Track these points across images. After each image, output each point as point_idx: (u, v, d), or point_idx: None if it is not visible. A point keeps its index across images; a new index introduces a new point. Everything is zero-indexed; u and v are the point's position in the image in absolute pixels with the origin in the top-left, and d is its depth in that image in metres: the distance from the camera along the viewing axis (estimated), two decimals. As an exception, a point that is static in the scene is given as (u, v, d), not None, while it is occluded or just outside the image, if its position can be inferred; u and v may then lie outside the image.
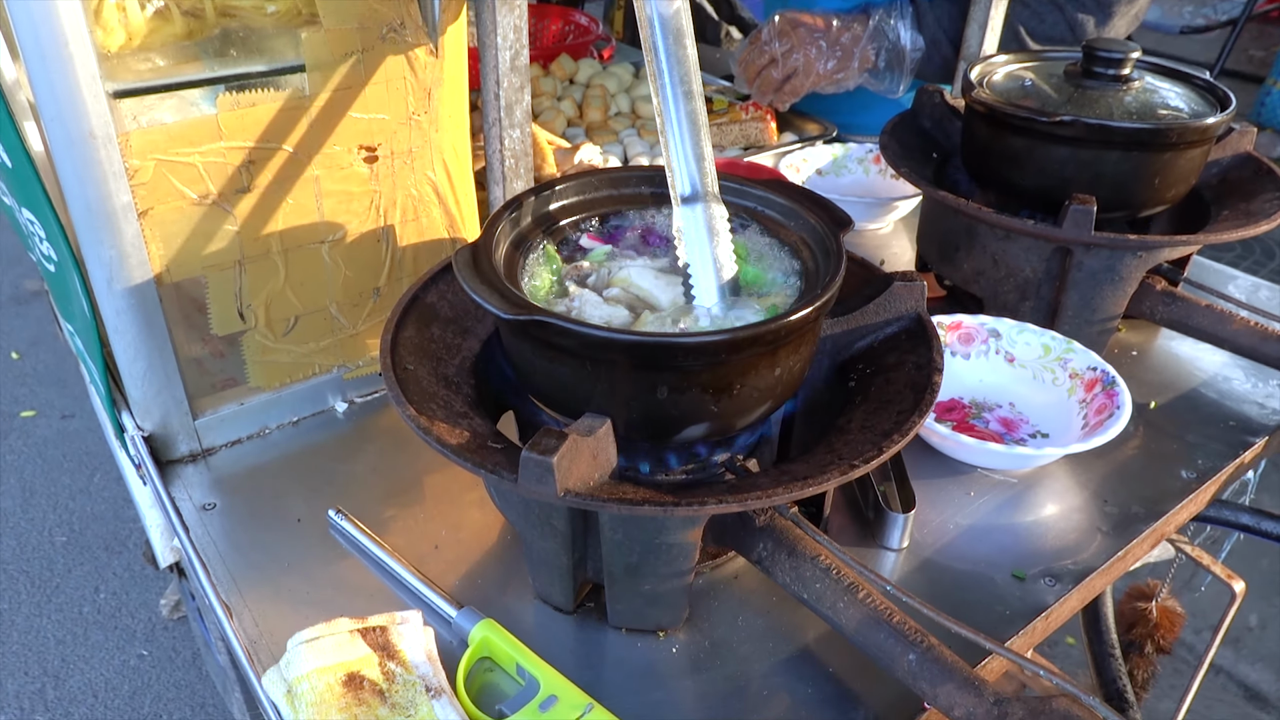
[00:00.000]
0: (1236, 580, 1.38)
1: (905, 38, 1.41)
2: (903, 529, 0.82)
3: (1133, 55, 1.02)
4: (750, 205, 0.82)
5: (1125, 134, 0.96)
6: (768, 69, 1.47)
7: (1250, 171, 1.10)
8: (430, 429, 0.66)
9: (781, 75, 1.46)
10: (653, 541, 0.69)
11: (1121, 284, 1.01)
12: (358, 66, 0.85)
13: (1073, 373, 0.97)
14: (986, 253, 1.05)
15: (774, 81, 1.47)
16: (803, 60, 1.44)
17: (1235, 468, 0.92)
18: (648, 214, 0.83)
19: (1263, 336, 0.98)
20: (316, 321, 0.94)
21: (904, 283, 0.78)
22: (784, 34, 1.44)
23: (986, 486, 0.91)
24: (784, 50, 1.44)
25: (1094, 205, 0.93)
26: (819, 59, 1.43)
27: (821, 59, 1.43)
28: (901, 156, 1.14)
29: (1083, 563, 0.81)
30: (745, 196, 0.82)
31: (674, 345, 0.62)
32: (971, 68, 1.09)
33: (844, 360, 0.80)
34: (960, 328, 1.02)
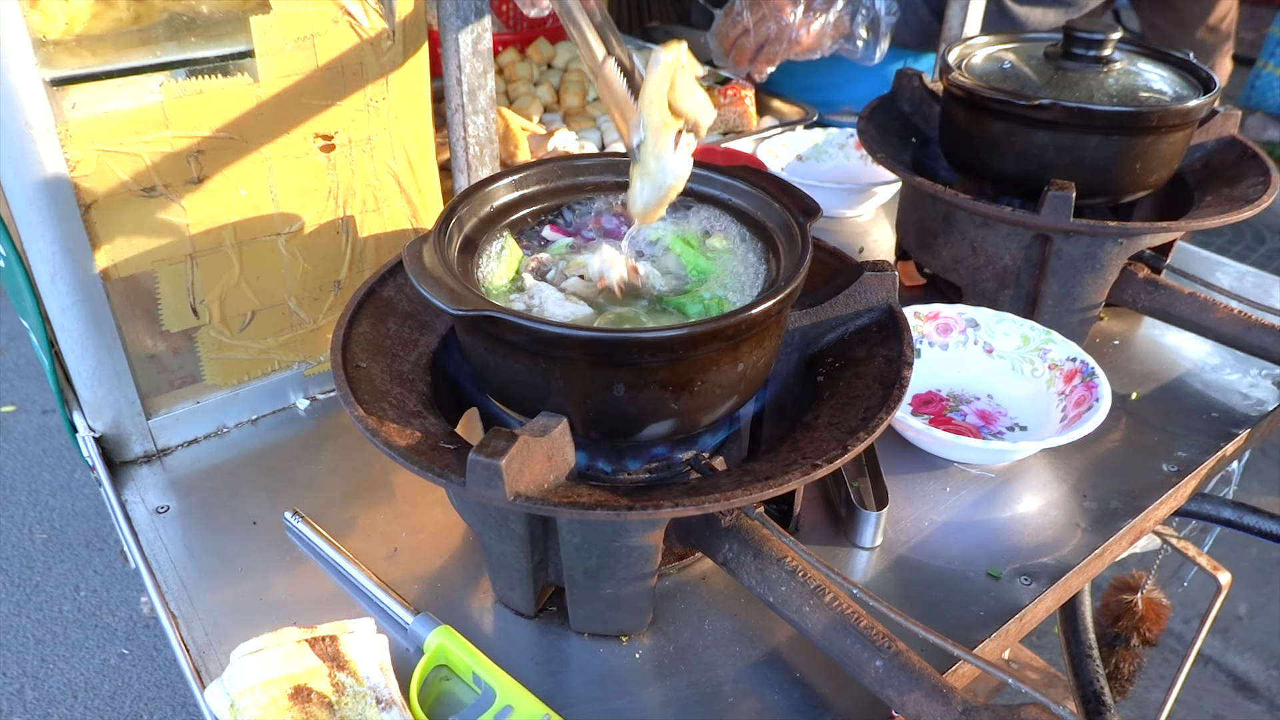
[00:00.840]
0: (1222, 571, 1.36)
1: (880, 3, 1.38)
2: (875, 527, 0.80)
3: (1113, 36, 0.99)
4: (716, 193, 0.79)
5: (1105, 117, 0.93)
6: (741, 38, 1.45)
7: (1235, 155, 1.08)
8: (379, 430, 0.63)
9: (755, 44, 1.44)
10: (612, 545, 0.66)
11: (1102, 272, 0.98)
12: (311, 52, 0.82)
13: (1052, 363, 0.95)
14: (965, 240, 1.03)
15: (748, 51, 1.45)
16: (775, 28, 1.41)
17: (1216, 461, 0.90)
18: (614, 202, 0.80)
19: (1246, 325, 0.96)
20: (275, 316, 0.91)
21: (874, 273, 0.76)
22: (756, 3, 1.42)
23: (964, 481, 0.88)
24: (756, 19, 1.42)
25: (1073, 191, 0.90)
26: (791, 26, 1.41)
27: (794, 26, 1.41)
28: (880, 141, 1.11)
29: (1060, 560, 0.79)
30: (711, 184, 0.79)
31: (628, 340, 0.59)
32: (949, 50, 1.06)
33: (813, 353, 0.78)
34: (938, 318, 1.00)
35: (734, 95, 1.51)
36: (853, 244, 1.30)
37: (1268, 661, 2.20)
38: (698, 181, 0.79)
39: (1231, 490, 1.34)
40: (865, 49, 1.42)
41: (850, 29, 1.43)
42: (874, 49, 1.42)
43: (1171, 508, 0.87)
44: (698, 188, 0.79)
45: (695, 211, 0.78)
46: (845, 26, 1.42)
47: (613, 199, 0.81)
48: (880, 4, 1.40)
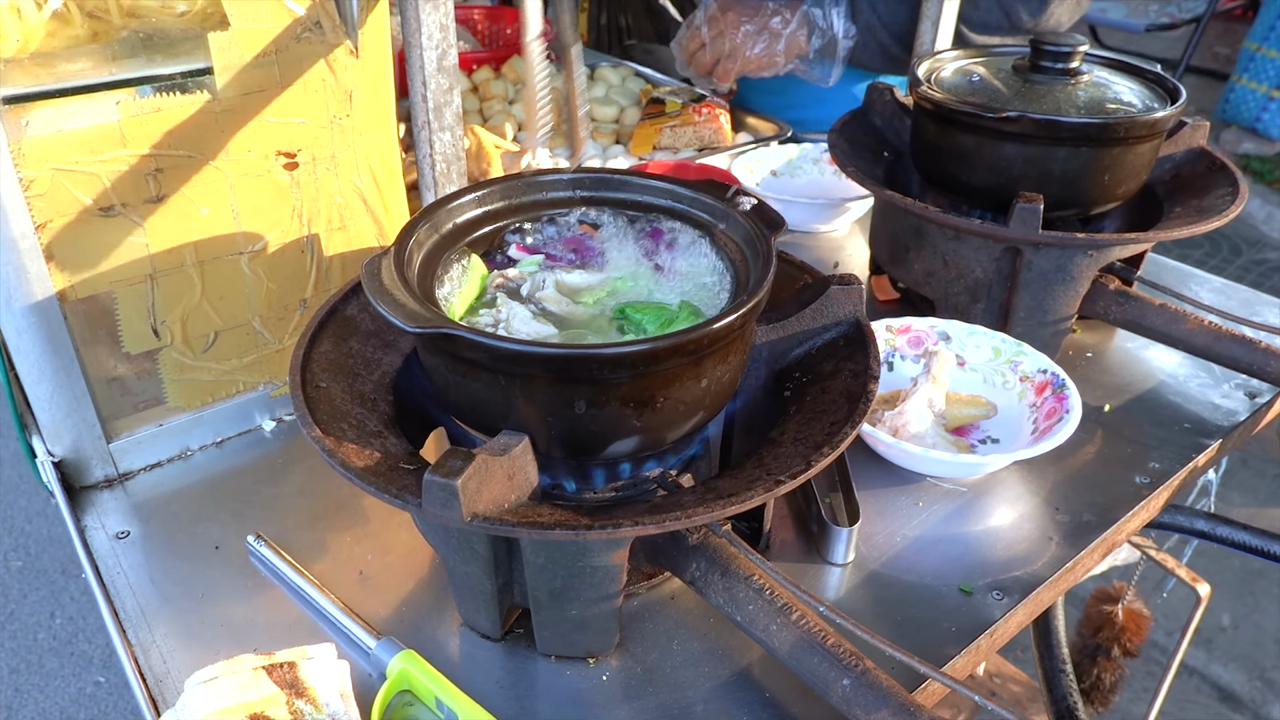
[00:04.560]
0: (1201, 583, 1.36)
1: (838, 25, 1.39)
2: (847, 543, 0.79)
3: (1080, 49, 1.00)
4: (681, 208, 0.78)
5: (1072, 129, 0.93)
6: (699, 52, 1.46)
7: (1204, 167, 1.08)
8: (336, 451, 0.62)
9: (711, 59, 1.44)
10: (576, 565, 0.65)
11: (1073, 284, 0.98)
12: (272, 68, 0.81)
13: (1023, 375, 0.94)
14: (936, 253, 1.02)
15: (706, 65, 1.46)
16: (729, 45, 1.42)
17: (1188, 472, 0.89)
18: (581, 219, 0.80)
19: (1216, 336, 0.96)
20: (239, 337, 0.90)
21: (841, 286, 0.75)
22: (714, 18, 1.42)
23: (936, 496, 0.88)
24: (713, 34, 1.42)
25: (1041, 203, 0.90)
26: (747, 42, 1.41)
27: (749, 43, 1.41)
28: (850, 155, 1.11)
29: (1032, 574, 0.78)
30: (677, 199, 0.79)
31: (587, 357, 0.59)
32: (919, 64, 1.06)
33: (781, 368, 0.77)
34: (909, 331, 0.99)
35: (709, 113, 1.51)
36: (828, 259, 1.29)
37: (1251, 672, 2.20)
38: (663, 196, 0.79)
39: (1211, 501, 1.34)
40: (820, 71, 1.43)
41: (806, 50, 1.44)
42: (829, 71, 1.42)
43: (1144, 520, 0.87)
44: (663, 202, 0.79)
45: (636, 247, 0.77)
46: (802, 47, 1.42)
47: (581, 215, 0.80)
48: (838, 27, 1.40)
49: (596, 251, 0.78)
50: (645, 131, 1.52)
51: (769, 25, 1.44)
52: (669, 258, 0.76)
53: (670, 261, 0.76)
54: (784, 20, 1.43)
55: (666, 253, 0.76)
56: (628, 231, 0.79)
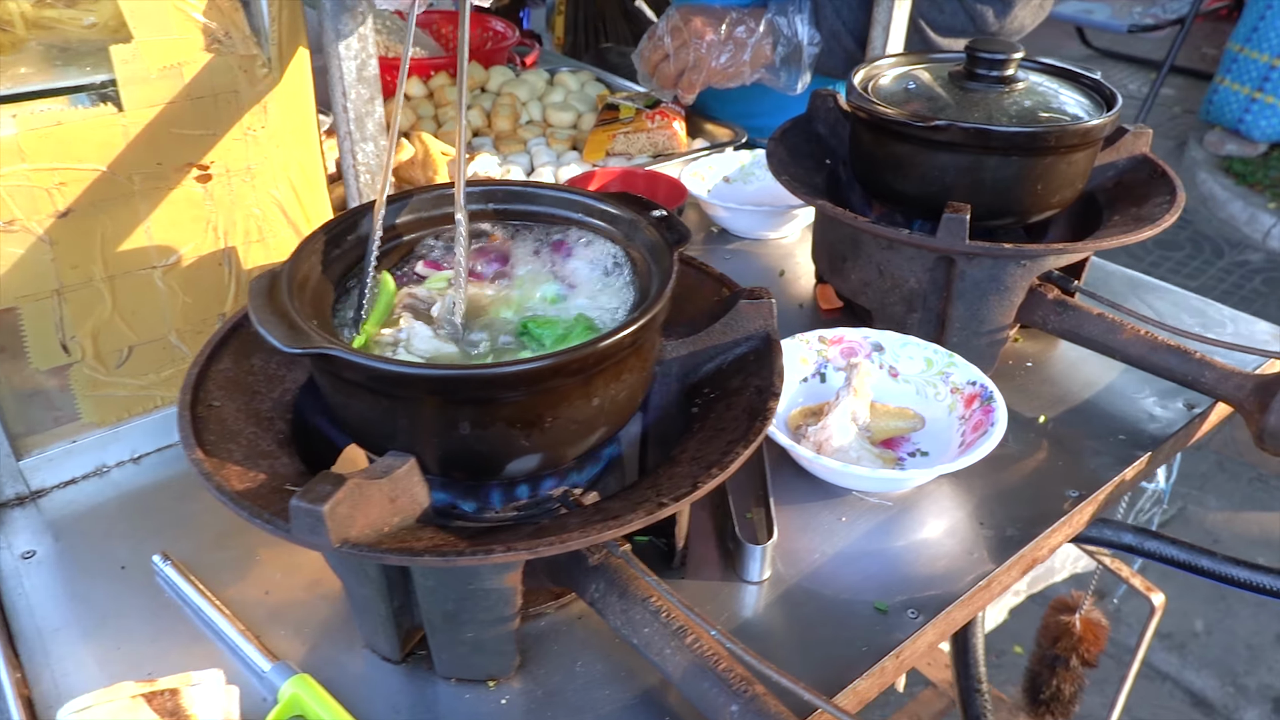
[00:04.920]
0: (1155, 592, 1.35)
1: (802, 32, 1.38)
2: (761, 561, 0.78)
3: (1015, 56, 0.98)
4: (592, 221, 0.77)
5: (1002, 138, 0.92)
6: (662, 63, 1.44)
7: (1145, 174, 1.07)
8: (215, 473, 0.61)
9: (675, 70, 1.42)
10: (466, 588, 0.64)
11: (1007, 294, 0.97)
12: (178, 80, 0.80)
13: (954, 387, 0.93)
14: (872, 263, 1.01)
15: (670, 76, 1.44)
16: (694, 55, 1.40)
17: (1114, 486, 0.88)
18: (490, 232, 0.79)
19: (1151, 346, 0.95)
20: (154, 351, 0.89)
21: (750, 301, 0.74)
22: (677, 29, 1.41)
23: (861, 510, 0.86)
24: (677, 45, 1.41)
25: (968, 213, 0.89)
26: (712, 53, 1.40)
27: (714, 53, 1.40)
28: (789, 163, 1.10)
29: (949, 592, 0.77)
30: (588, 211, 0.77)
31: (462, 378, 0.57)
32: (856, 72, 1.05)
33: (692, 383, 0.76)
34: (841, 342, 0.98)
35: (662, 119, 1.50)
36: (776, 266, 1.28)
37: (1223, 678, 2.19)
38: (574, 209, 0.78)
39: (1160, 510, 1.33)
40: (787, 79, 1.41)
41: (772, 58, 1.42)
42: (796, 79, 1.41)
43: (1067, 535, 0.85)
44: (574, 215, 0.78)
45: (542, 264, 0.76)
46: (767, 56, 1.41)
47: (493, 228, 0.79)
48: (803, 34, 1.39)
49: (507, 266, 0.76)
50: (598, 138, 1.51)
51: (734, 35, 1.42)
52: (576, 271, 0.75)
53: (577, 275, 0.74)
54: (749, 29, 1.42)
55: (573, 266, 0.75)
56: (538, 245, 0.77)
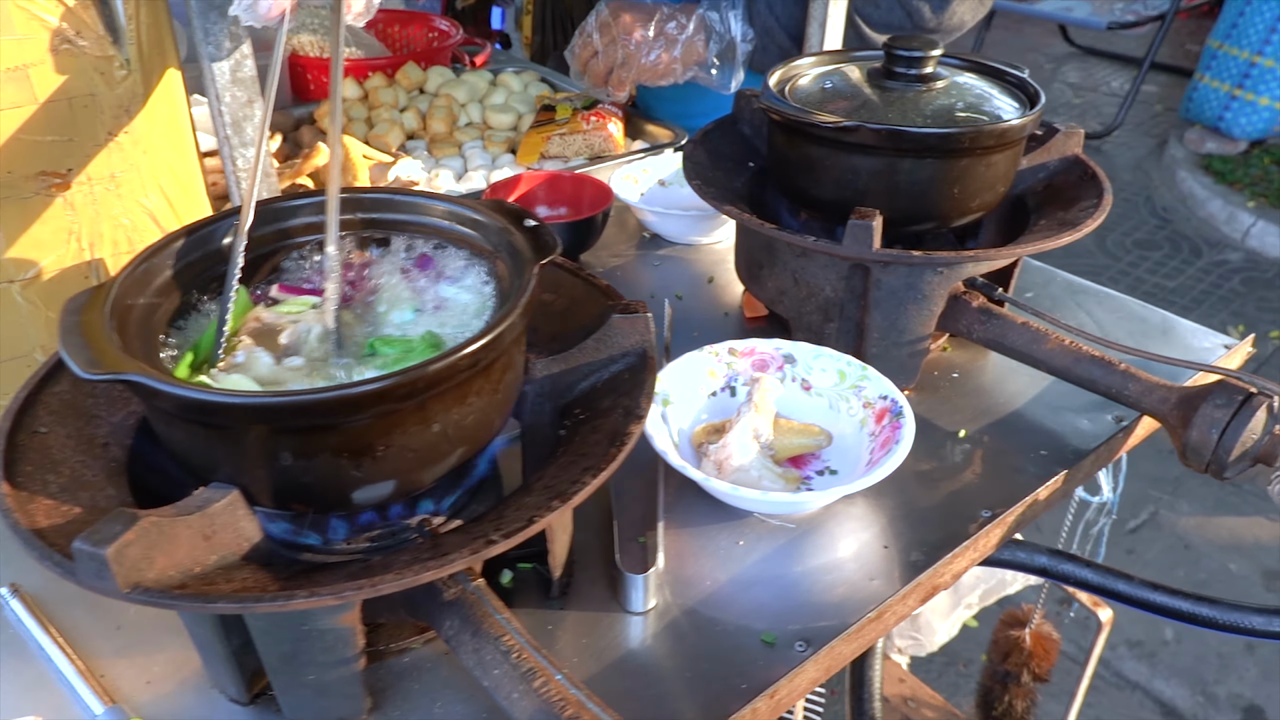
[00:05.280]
0: (1103, 608, 1.31)
1: (736, 29, 1.33)
2: (643, 591, 0.73)
3: (933, 54, 0.94)
4: (463, 230, 0.73)
5: (914, 140, 0.87)
6: (592, 61, 1.39)
7: (1075, 176, 1.03)
8: (20, 507, 0.56)
9: (605, 67, 1.38)
10: (301, 629, 0.59)
11: (926, 302, 0.92)
12: (26, 84, 0.75)
13: (866, 401, 0.89)
14: (787, 270, 0.97)
15: (600, 73, 1.39)
16: (624, 53, 1.35)
17: (1027, 505, 0.83)
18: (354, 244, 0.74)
19: (1076, 357, 0.90)
20: (19, 369, 0.84)
21: (624, 315, 0.69)
22: (606, 25, 1.36)
23: (761, 533, 0.82)
24: (606, 42, 1.36)
25: (874, 219, 0.84)
26: (641, 50, 1.35)
27: (644, 50, 1.35)
28: (707, 166, 1.05)
29: (843, 623, 0.73)
30: (460, 220, 0.73)
31: (267, 406, 0.53)
32: (773, 71, 1.00)
33: (565, 403, 0.71)
34: (753, 353, 0.93)
35: (597, 120, 1.45)
36: (706, 272, 1.24)
37: (1194, 687, 2.14)
38: (444, 218, 0.73)
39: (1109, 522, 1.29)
40: (721, 77, 1.37)
41: (705, 56, 1.38)
42: (730, 77, 1.36)
43: (973, 559, 0.81)
44: (444, 224, 0.73)
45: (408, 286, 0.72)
46: (700, 53, 1.36)
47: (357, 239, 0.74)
48: (736, 31, 1.34)
49: (368, 280, 0.72)
50: (533, 140, 1.46)
51: (664, 31, 1.38)
52: (439, 285, 0.70)
53: (439, 289, 0.70)
54: (680, 25, 1.37)
55: (437, 279, 0.70)
56: (403, 256, 0.73)
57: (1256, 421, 0.81)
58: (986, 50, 5.54)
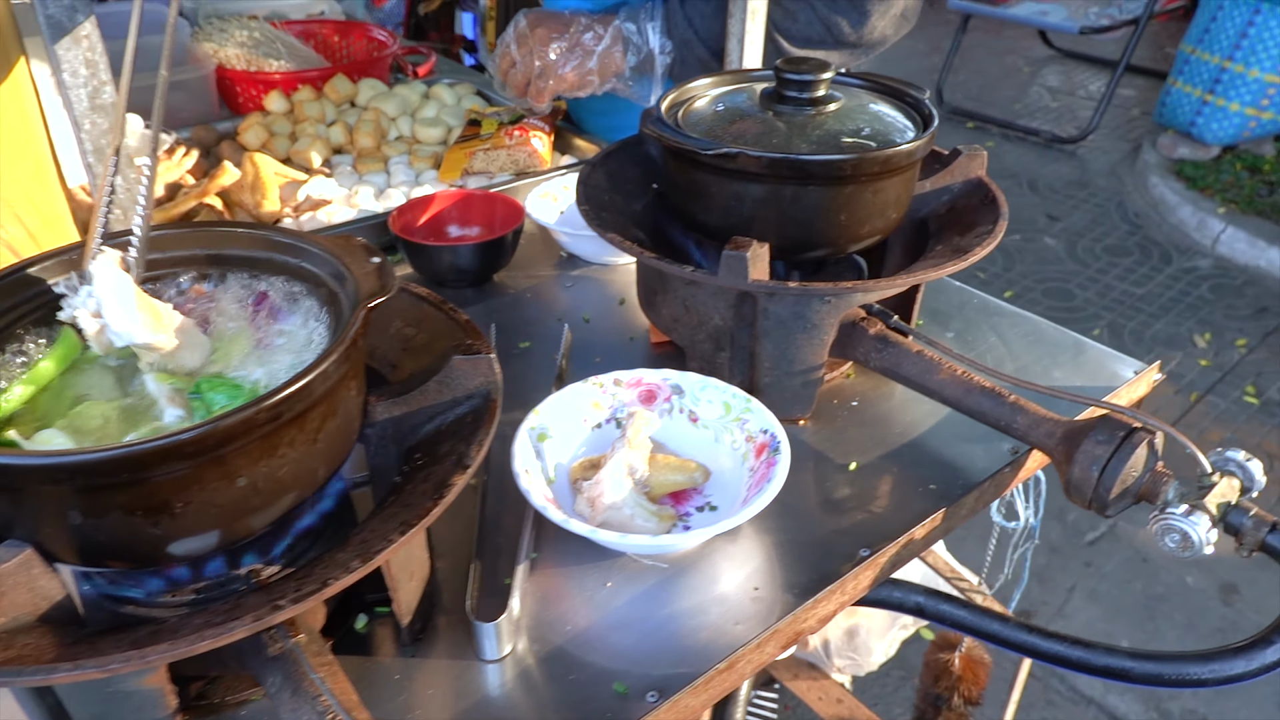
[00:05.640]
0: (1028, 631, 1.28)
1: (654, 41, 1.31)
2: (494, 639, 0.71)
3: (824, 76, 0.92)
4: (307, 268, 0.70)
5: (794, 168, 0.85)
6: (510, 71, 1.37)
7: (977, 200, 1.00)
8: None
9: (523, 78, 1.36)
10: (106, 691, 0.57)
11: (815, 331, 0.90)
12: None
13: (749, 435, 0.87)
14: (678, 298, 0.95)
15: (519, 84, 1.37)
16: (540, 64, 1.33)
17: (902, 546, 0.81)
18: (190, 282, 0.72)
19: (967, 388, 0.88)
20: None
21: (465, 357, 0.67)
22: (523, 36, 1.34)
23: (631, 574, 0.80)
24: (523, 53, 1.34)
25: (749, 249, 0.82)
26: (559, 61, 1.33)
27: (560, 61, 1.33)
28: (606, 188, 1.03)
29: (697, 671, 0.70)
30: (304, 257, 0.71)
31: (35, 468, 0.50)
32: (668, 94, 0.98)
33: (410, 447, 0.69)
34: (640, 384, 0.91)
35: (520, 135, 1.43)
36: (619, 294, 1.21)
37: (1147, 703, 2.12)
38: (287, 253, 0.71)
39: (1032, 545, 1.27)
40: (639, 88, 1.35)
41: (623, 68, 1.35)
42: (649, 89, 1.34)
43: (842, 601, 0.79)
44: (290, 261, 0.71)
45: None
46: (617, 65, 1.34)
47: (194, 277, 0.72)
48: (654, 43, 1.32)
49: (204, 320, 0.70)
50: (456, 156, 1.44)
51: (581, 42, 1.36)
52: (275, 325, 0.68)
53: (276, 329, 0.68)
54: (596, 36, 1.35)
55: (272, 319, 0.68)
56: (242, 295, 0.70)
57: (1137, 458, 0.79)
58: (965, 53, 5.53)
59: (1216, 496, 0.78)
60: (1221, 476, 0.80)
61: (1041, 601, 2.38)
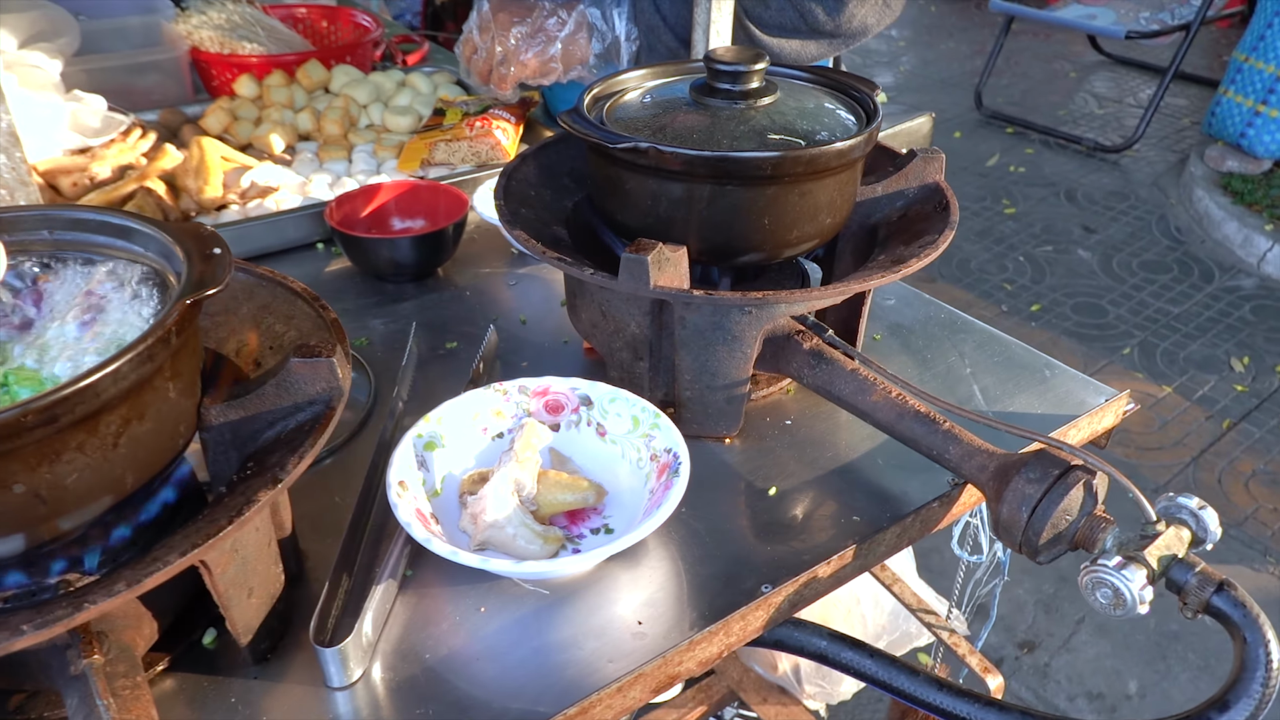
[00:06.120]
0: (993, 674, 1.20)
1: (620, 27, 1.25)
2: (340, 664, 0.65)
3: (756, 67, 0.85)
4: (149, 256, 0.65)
5: (707, 165, 0.78)
6: (474, 57, 1.32)
7: (931, 206, 0.93)
8: None
9: (486, 65, 1.30)
10: None
11: (737, 343, 0.83)
12: None
13: (653, 453, 0.80)
14: (594, 302, 0.88)
15: (483, 71, 1.32)
16: (503, 50, 1.28)
17: (803, 584, 0.74)
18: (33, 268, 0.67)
19: (900, 411, 0.81)
20: None
21: (303, 360, 0.62)
22: (486, 22, 1.29)
23: (508, 599, 0.73)
24: (486, 39, 1.28)
25: (649, 253, 0.76)
26: (519, 47, 1.27)
27: (523, 48, 1.27)
28: (535, 183, 0.97)
29: (553, 712, 0.64)
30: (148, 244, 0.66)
31: None
32: (595, 84, 0.92)
33: (250, 453, 0.64)
34: (547, 393, 0.85)
35: (482, 126, 1.37)
36: (561, 294, 1.15)
37: (1133, 739, 2.01)
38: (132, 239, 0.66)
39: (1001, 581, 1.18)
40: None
41: (588, 55, 1.29)
42: (613, 77, 1.28)
43: (728, 644, 0.71)
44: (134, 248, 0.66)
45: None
46: (582, 52, 1.28)
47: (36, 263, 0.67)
48: (619, 29, 1.26)
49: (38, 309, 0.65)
50: (416, 146, 1.39)
51: (544, 28, 1.30)
52: (103, 314, 0.63)
53: (103, 319, 0.63)
54: (559, 22, 1.29)
55: (100, 309, 0.63)
56: (80, 282, 0.66)
57: (1071, 500, 0.71)
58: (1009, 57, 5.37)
59: (1159, 549, 0.70)
60: (1169, 526, 0.71)
61: (1046, 633, 2.27)
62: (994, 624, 2.26)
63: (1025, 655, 2.20)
